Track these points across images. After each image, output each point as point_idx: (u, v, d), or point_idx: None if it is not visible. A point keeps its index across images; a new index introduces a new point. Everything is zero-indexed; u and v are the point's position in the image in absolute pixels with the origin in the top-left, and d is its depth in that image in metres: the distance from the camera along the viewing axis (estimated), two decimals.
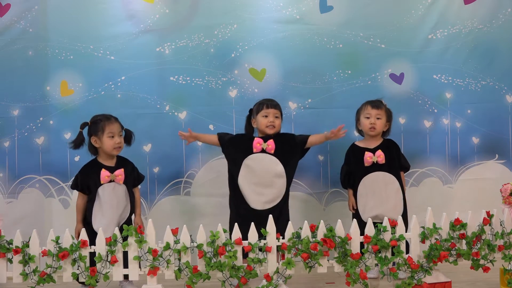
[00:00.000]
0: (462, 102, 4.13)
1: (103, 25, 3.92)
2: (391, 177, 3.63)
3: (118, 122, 3.43)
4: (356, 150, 3.71)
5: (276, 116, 3.60)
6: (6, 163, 3.91)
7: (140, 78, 3.95)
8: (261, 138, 3.58)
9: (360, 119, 3.72)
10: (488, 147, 4.16)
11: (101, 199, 3.34)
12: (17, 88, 3.90)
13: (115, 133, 3.38)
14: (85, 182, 3.37)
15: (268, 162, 3.55)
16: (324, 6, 4.03)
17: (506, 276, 3.21)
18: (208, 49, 3.99)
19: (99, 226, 3.15)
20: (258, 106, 3.61)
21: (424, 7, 4.08)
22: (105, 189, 3.35)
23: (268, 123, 3.57)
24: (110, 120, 3.40)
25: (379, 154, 3.62)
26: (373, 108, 3.66)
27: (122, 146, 3.43)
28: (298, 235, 3.05)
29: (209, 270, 2.99)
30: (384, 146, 3.68)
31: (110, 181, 3.36)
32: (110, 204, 3.34)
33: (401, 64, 4.09)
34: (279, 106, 3.64)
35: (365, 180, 3.63)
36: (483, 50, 4.12)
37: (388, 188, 3.62)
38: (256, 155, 3.56)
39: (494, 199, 3.48)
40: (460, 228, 3.14)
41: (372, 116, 3.66)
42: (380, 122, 3.67)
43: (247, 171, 3.54)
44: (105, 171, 3.36)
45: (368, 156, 3.62)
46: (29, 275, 2.99)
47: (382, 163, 3.62)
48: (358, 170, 3.65)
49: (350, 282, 3.01)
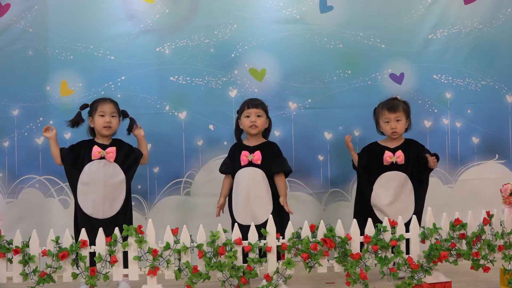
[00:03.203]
0: (462, 102, 4.13)
1: (103, 25, 3.93)
2: (406, 178, 3.61)
3: (113, 104, 3.48)
4: (377, 147, 3.68)
5: (259, 115, 3.53)
6: (6, 163, 3.91)
7: (140, 78, 3.95)
8: (248, 149, 3.52)
9: (379, 123, 3.67)
10: (488, 147, 4.17)
11: (88, 174, 3.39)
12: (17, 88, 3.90)
13: (106, 112, 3.43)
14: (71, 154, 3.44)
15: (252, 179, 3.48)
16: (324, 6, 4.04)
17: (506, 276, 3.21)
18: (208, 49, 3.99)
19: (84, 202, 3.32)
20: (241, 107, 3.59)
21: (424, 7, 4.08)
22: (95, 164, 3.40)
23: (250, 123, 3.52)
24: (105, 101, 3.48)
25: (399, 154, 3.60)
26: (390, 112, 3.60)
27: (113, 127, 3.46)
28: (298, 235, 3.05)
29: (209, 270, 2.99)
30: (404, 147, 3.65)
31: (101, 157, 3.40)
32: (97, 180, 3.38)
33: (401, 64, 4.09)
34: (262, 104, 3.57)
35: (382, 177, 3.61)
36: (483, 50, 4.13)
37: (403, 189, 3.61)
38: (243, 171, 3.50)
39: (494, 199, 3.49)
40: (460, 228, 3.14)
41: (392, 120, 3.61)
42: (401, 124, 3.62)
43: (236, 188, 3.51)
44: (96, 147, 3.42)
45: (387, 156, 3.60)
46: (29, 275, 2.99)
47: (401, 163, 3.61)
48: (377, 167, 3.63)
49: (350, 282, 3.01)
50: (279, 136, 4.00)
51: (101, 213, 3.38)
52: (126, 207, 3.46)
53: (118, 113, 3.50)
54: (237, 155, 3.54)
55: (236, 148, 3.61)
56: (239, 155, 3.53)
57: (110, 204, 3.40)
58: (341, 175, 4.00)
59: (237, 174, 3.53)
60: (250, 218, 3.36)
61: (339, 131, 4.05)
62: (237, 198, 3.51)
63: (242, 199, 3.48)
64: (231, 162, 3.58)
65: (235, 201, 3.52)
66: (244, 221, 3.38)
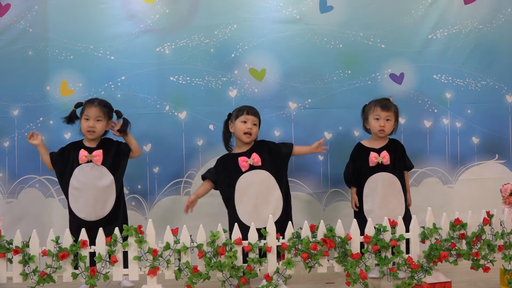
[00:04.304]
0: (462, 102, 4.13)
1: (103, 25, 3.93)
2: (395, 178, 3.62)
3: (100, 107, 3.43)
4: (361, 149, 3.69)
5: (254, 124, 3.54)
6: (6, 163, 3.91)
7: (140, 78, 3.95)
8: (243, 155, 3.51)
9: (368, 119, 3.67)
10: (488, 147, 4.16)
11: (78, 178, 3.38)
12: (17, 88, 3.90)
13: (90, 116, 3.41)
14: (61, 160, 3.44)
15: (258, 181, 3.48)
16: (324, 6, 4.04)
17: (506, 276, 3.21)
18: (208, 49, 3.99)
19: (76, 206, 3.33)
20: (238, 112, 3.57)
21: (424, 7, 4.08)
22: (83, 168, 3.39)
23: (246, 129, 3.50)
24: (91, 104, 3.45)
25: (384, 155, 3.61)
26: (383, 110, 3.62)
27: (97, 132, 3.42)
28: (298, 235, 3.05)
29: (209, 270, 2.99)
30: (389, 147, 3.66)
31: (88, 161, 3.39)
32: (86, 184, 3.37)
33: (401, 64, 4.09)
34: (258, 114, 3.58)
35: (369, 180, 3.61)
36: (483, 50, 4.12)
37: (391, 189, 3.61)
38: (246, 176, 3.48)
39: (494, 199, 3.48)
40: (460, 228, 3.14)
41: (382, 118, 3.62)
42: (390, 124, 3.64)
43: (241, 194, 3.49)
44: (83, 151, 3.40)
45: (373, 157, 3.61)
46: (29, 275, 2.99)
47: (387, 164, 3.62)
48: (363, 170, 3.64)
49: (350, 282, 3.01)
50: (279, 136, 4.00)
51: (93, 216, 3.38)
52: (119, 206, 3.45)
53: (106, 115, 3.45)
54: (232, 164, 3.51)
55: (227, 160, 3.57)
56: (235, 164, 3.50)
57: (102, 206, 3.40)
58: (341, 175, 3.97)
59: (239, 182, 3.49)
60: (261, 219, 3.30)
61: (339, 131, 4.05)
62: (244, 203, 3.48)
63: (252, 204, 3.46)
64: (217, 173, 3.55)
65: (242, 207, 3.48)
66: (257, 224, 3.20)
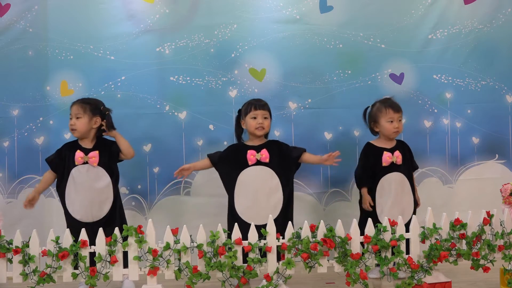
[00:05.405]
0: (462, 102, 4.13)
1: (103, 25, 3.93)
2: (405, 178, 3.61)
3: (79, 104, 3.39)
4: (373, 149, 3.67)
5: (265, 117, 3.54)
6: (6, 163, 3.91)
7: (140, 78, 3.95)
8: (253, 149, 3.51)
9: (379, 122, 3.63)
10: (488, 147, 4.17)
11: (74, 180, 3.36)
12: (17, 88, 3.90)
13: (71, 114, 3.40)
14: (61, 163, 3.41)
15: (262, 177, 3.48)
16: (324, 6, 4.04)
17: (506, 276, 3.21)
18: (208, 49, 3.99)
19: (72, 207, 3.32)
20: (247, 107, 3.56)
21: (424, 7, 4.09)
22: (79, 170, 3.37)
23: (257, 125, 3.51)
24: (74, 102, 3.43)
25: (398, 154, 3.60)
26: (395, 112, 3.61)
27: (79, 129, 3.38)
28: (298, 235, 3.05)
29: (209, 270, 2.99)
30: (399, 147, 3.66)
31: (84, 162, 3.37)
32: (82, 185, 3.36)
33: (401, 64, 4.09)
34: (267, 106, 3.58)
35: (383, 180, 3.60)
36: (483, 50, 4.13)
37: (403, 189, 3.60)
38: (250, 169, 3.49)
39: (494, 199, 3.48)
40: (460, 228, 3.14)
41: (395, 120, 3.61)
42: (402, 124, 3.65)
43: (242, 188, 3.49)
44: (79, 153, 3.38)
45: (387, 156, 3.59)
46: (29, 275, 2.99)
47: (399, 164, 3.61)
48: (376, 170, 3.62)
49: (350, 282, 3.01)
50: (279, 136, 4.00)
51: (90, 217, 3.36)
52: (115, 208, 3.43)
53: (88, 112, 3.38)
54: (241, 155, 3.51)
55: (238, 149, 3.58)
56: (243, 156, 3.50)
57: (98, 207, 3.38)
58: (341, 175, 4.00)
59: (241, 174, 3.49)
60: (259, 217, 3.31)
61: (339, 131, 4.05)
62: (243, 197, 3.49)
63: (251, 198, 3.47)
64: (222, 157, 3.56)
65: (241, 200, 3.49)
66: (253, 220, 3.23)
